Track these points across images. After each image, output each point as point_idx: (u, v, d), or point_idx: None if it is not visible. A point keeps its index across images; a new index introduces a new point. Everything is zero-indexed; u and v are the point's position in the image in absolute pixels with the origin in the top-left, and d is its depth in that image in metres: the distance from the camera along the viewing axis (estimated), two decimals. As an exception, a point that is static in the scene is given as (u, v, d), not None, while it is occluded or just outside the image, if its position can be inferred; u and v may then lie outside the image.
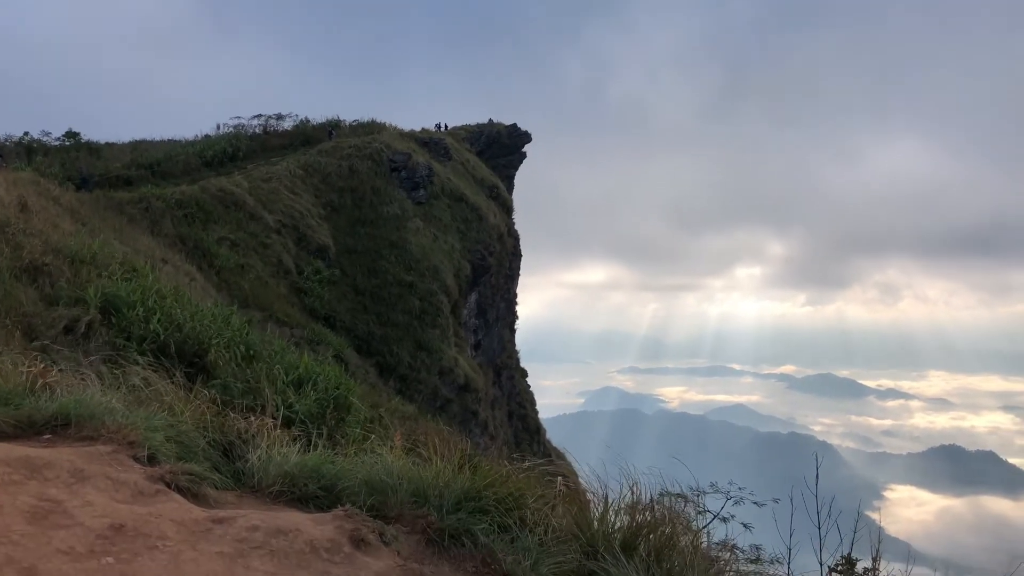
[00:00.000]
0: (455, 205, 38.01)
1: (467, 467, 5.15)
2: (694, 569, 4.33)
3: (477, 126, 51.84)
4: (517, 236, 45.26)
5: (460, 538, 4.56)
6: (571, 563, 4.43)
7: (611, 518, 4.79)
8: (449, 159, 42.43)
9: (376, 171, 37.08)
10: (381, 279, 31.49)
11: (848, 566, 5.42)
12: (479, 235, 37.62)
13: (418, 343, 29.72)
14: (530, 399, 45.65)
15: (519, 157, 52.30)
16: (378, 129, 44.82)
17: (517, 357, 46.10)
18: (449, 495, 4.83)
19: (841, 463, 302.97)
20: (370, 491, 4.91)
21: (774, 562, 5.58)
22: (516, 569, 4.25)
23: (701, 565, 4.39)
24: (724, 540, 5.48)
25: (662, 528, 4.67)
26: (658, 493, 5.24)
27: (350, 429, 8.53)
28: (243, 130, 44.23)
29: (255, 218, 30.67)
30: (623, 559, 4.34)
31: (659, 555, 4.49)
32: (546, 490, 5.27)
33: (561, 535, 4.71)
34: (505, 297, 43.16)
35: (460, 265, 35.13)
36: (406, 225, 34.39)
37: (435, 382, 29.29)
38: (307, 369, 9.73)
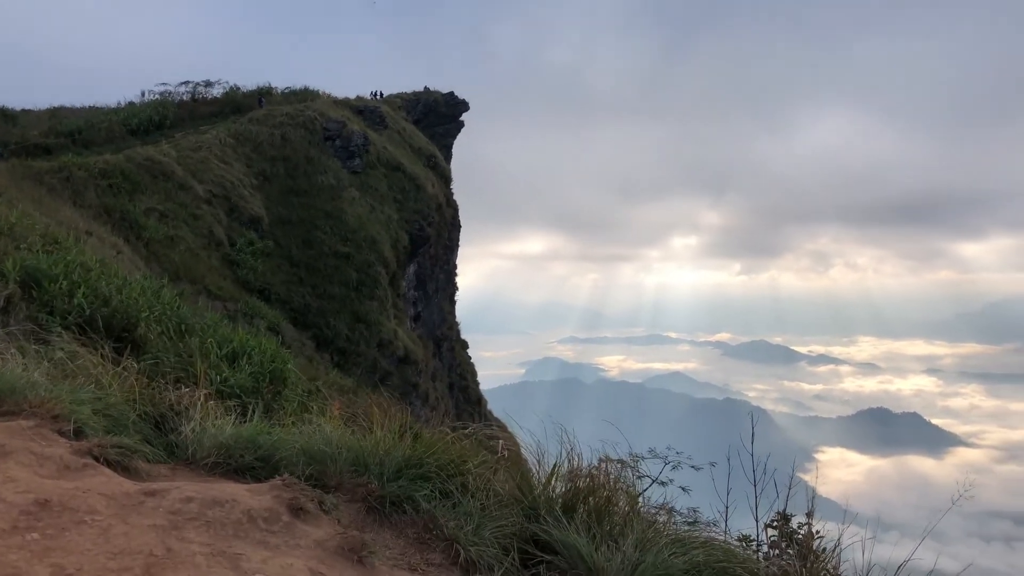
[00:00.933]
0: (392, 175, 37.52)
1: (408, 435, 5.15)
2: (632, 529, 4.41)
3: (413, 94, 51.12)
4: (456, 206, 44.99)
5: (402, 505, 4.57)
6: (513, 526, 4.47)
7: (553, 483, 4.85)
8: (385, 128, 41.77)
9: (310, 140, 36.31)
10: (317, 250, 30.97)
11: (783, 521, 5.58)
12: (417, 205, 37.24)
13: (356, 315, 29.40)
14: (471, 370, 45.72)
15: (457, 126, 51.82)
16: (311, 97, 43.84)
17: (457, 329, 46.06)
18: (390, 463, 4.82)
19: (775, 427, 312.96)
20: (309, 460, 4.87)
21: (711, 524, 5.72)
22: (458, 533, 4.27)
23: (639, 526, 4.47)
24: (663, 503, 5.59)
25: (602, 492, 4.75)
26: (598, 459, 5.31)
27: (287, 402, 8.41)
28: (170, 97, 42.81)
29: (184, 188, 29.76)
30: (564, 521, 4.39)
31: (599, 517, 4.57)
32: (487, 456, 5.30)
33: (503, 499, 4.76)
34: (444, 268, 42.96)
35: (398, 236, 34.77)
36: (341, 195, 33.81)
37: (374, 355, 29.06)
38: (242, 342, 9.52)
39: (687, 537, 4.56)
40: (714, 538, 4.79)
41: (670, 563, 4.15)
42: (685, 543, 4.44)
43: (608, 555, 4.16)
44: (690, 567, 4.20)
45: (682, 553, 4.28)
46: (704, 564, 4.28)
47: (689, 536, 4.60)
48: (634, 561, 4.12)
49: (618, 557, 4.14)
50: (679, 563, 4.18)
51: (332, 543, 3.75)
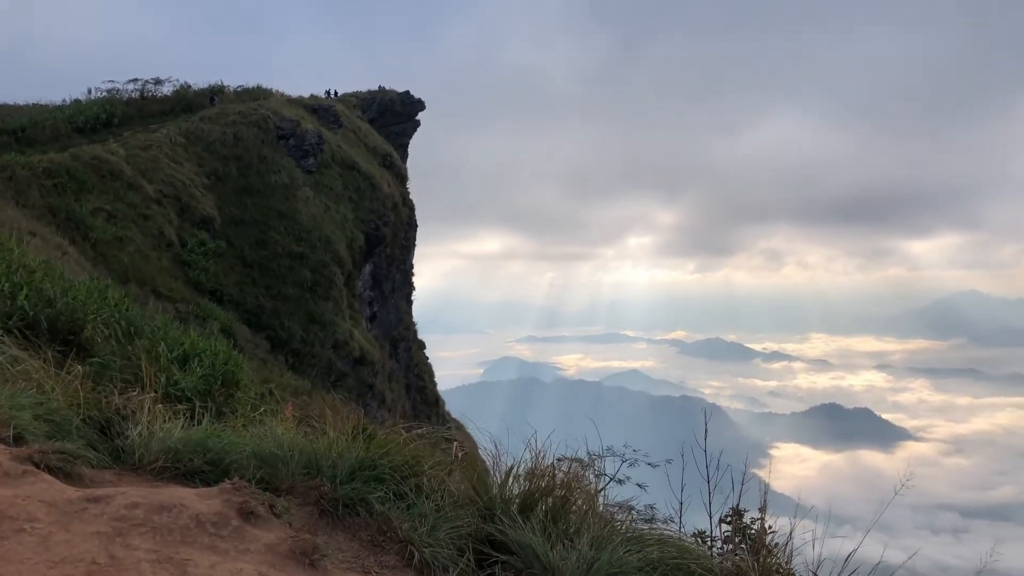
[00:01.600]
0: (347, 174, 37.16)
1: (361, 437, 5.11)
2: (589, 528, 4.43)
3: (368, 93, 50.73)
4: (412, 206, 44.76)
5: (355, 507, 4.54)
6: (469, 527, 4.47)
7: (509, 483, 4.85)
8: (340, 127, 41.39)
9: (263, 139, 35.79)
10: (270, 251, 30.53)
11: (736, 517, 5.67)
12: (373, 205, 36.95)
13: (311, 316, 29.07)
14: (428, 371, 45.54)
15: (412, 125, 51.56)
16: (264, 95, 43.24)
17: (414, 329, 45.84)
18: (343, 465, 4.78)
19: (730, 424, 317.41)
20: (260, 463, 4.80)
21: (668, 521, 5.80)
22: (413, 535, 4.24)
23: (596, 524, 4.50)
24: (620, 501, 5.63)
25: (559, 491, 4.76)
26: (556, 459, 5.33)
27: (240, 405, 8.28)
28: (118, 95, 41.84)
29: (134, 188, 29.12)
30: (520, 521, 4.39)
31: (555, 516, 4.58)
32: (443, 457, 5.28)
33: (459, 500, 4.75)
34: (401, 268, 42.71)
35: (353, 236, 34.45)
36: (295, 195, 33.40)
37: (329, 356, 28.76)
38: (193, 345, 9.35)
39: (642, 534, 4.60)
40: (669, 535, 4.84)
41: (625, 560, 4.18)
42: (640, 540, 4.47)
43: (563, 554, 4.18)
44: (645, 564, 4.24)
45: (637, 550, 4.32)
46: (659, 561, 4.31)
47: (644, 533, 4.64)
48: (589, 559, 4.14)
49: (573, 556, 4.16)
50: (634, 560, 4.22)
51: (283, 547, 3.70)
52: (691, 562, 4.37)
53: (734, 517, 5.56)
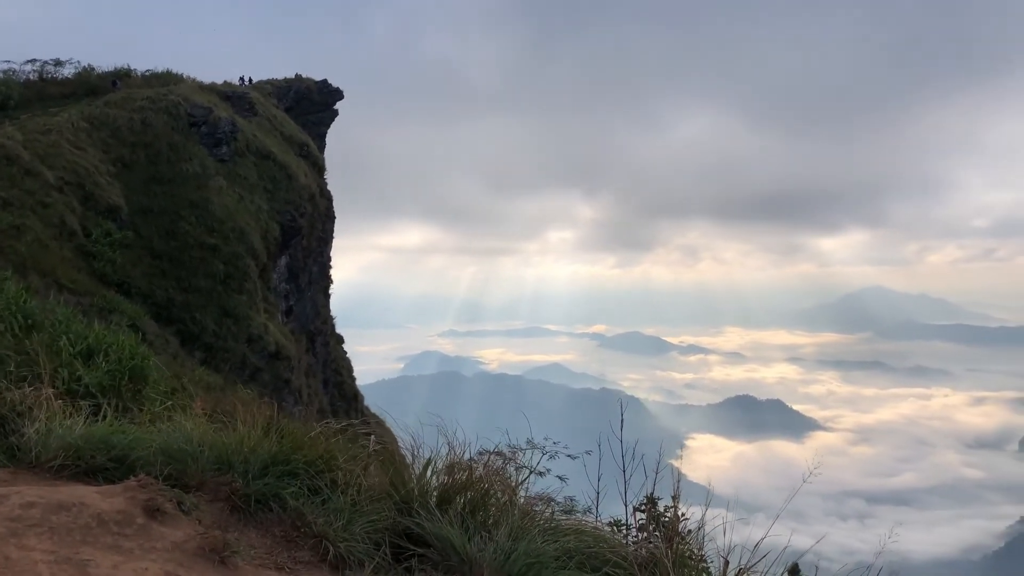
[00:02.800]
0: (262, 163, 36.22)
1: (274, 432, 5.04)
2: (507, 520, 4.47)
3: (285, 81, 49.53)
4: (330, 197, 43.97)
5: (268, 503, 4.50)
6: (386, 520, 4.48)
7: (428, 476, 4.87)
8: (255, 115, 40.31)
9: (173, 125, 34.51)
10: (181, 241, 29.49)
11: (650, 505, 5.81)
12: (289, 195, 36.13)
13: (224, 309, 28.24)
14: (347, 366, 44.93)
15: (330, 115, 50.61)
16: (175, 80, 41.71)
17: (332, 323, 45.12)
18: (255, 460, 4.73)
19: (648, 416, 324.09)
20: (168, 460, 4.68)
21: (587, 511, 5.91)
22: (327, 530, 4.22)
23: (514, 516, 4.54)
24: (541, 493, 5.71)
25: (479, 484, 4.81)
26: (476, 452, 5.35)
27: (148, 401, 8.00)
28: (14, 76, 39.76)
29: (32, 174, 27.68)
30: (438, 514, 4.40)
31: (474, 509, 4.64)
32: (359, 451, 5.24)
33: (375, 494, 4.75)
34: (318, 261, 41.94)
35: (268, 227, 33.64)
36: (208, 184, 32.34)
37: (243, 350, 28.04)
38: (98, 338, 8.98)
39: (560, 525, 4.67)
40: (585, 524, 4.92)
41: (542, 550, 4.24)
42: (557, 531, 4.55)
43: (481, 545, 4.22)
44: (561, 553, 4.31)
45: (554, 540, 4.39)
46: (575, 549, 4.39)
47: (562, 524, 4.71)
48: (507, 550, 4.19)
49: (491, 547, 4.21)
50: (551, 549, 4.28)
51: (191, 544, 3.60)
52: (607, 550, 4.46)
53: (648, 506, 5.70)
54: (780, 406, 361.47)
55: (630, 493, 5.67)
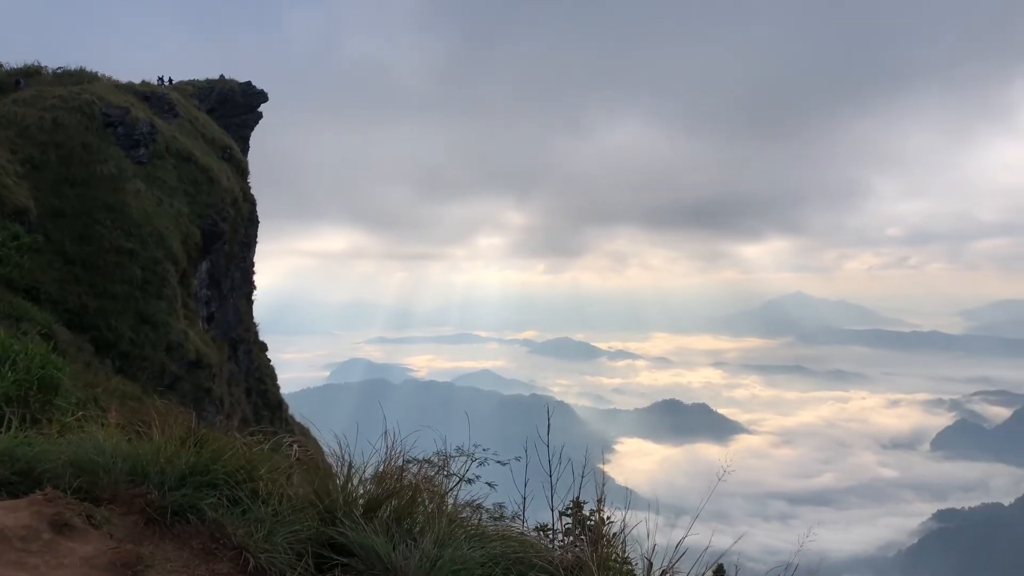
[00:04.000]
0: (182, 166, 35.19)
1: (193, 442, 4.91)
2: (433, 527, 4.44)
3: (207, 82, 48.26)
4: (254, 201, 43.03)
5: (185, 515, 4.39)
6: (309, 530, 4.41)
7: (353, 485, 4.81)
8: (175, 116, 39.16)
9: (87, 126, 33.21)
10: (95, 246, 28.37)
11: (576, 509, 5.86)
12: (210, 199, 35.19)
13: (141, 316, 27.29)
14: (271, 374, 44.00)
15: (254, 117, 49.56)
16: (89, 79, 40.12)
17: (256, 330, 44.12)
18: (172, 471, 4.61)
19: (577, 421, 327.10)
20: (78, 472, 4.51)
21: (515, 517, 5.93)
22: (248, 541, 4.13)
23: (441, 523, 4.52)
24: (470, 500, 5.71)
25: (405, 492, 4.76)
26: (405, 460, 5.30)
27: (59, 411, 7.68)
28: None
29: (-68, 175, 26.30)
30: (362, 523, 4.35)
31: (399, 517, 4.58)
32: (281, 460, 5.15)
33: (298, 504, 4.67)
34: (241, 266, 40.98)
35: (189, 231, 32.68)
36: (124, 187, 31.22)
37: (162, 358, 27.14)
38: (3, 347, 8.58)
39: (486, 531, 4.67)
40: (512, 530, 4.93)
41: (468, 556, 4.24)
42: (484, 537, 4.54)
43: (407, 553, 4.19)
44: (488, 559, 4.31)
45: (480, 547, 4.38)
46: (501, 555, 4.39)
47: (488, 530, 4.71)
48: (433, 557, 4.18)
49: (416, 555, 4.18)
50: (477, 556, 4.28)
51: (102, 559, 3.46)
52: (533, 555, 4.47)
53: (574, 510, 5.76)
54: (705, 410, 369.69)
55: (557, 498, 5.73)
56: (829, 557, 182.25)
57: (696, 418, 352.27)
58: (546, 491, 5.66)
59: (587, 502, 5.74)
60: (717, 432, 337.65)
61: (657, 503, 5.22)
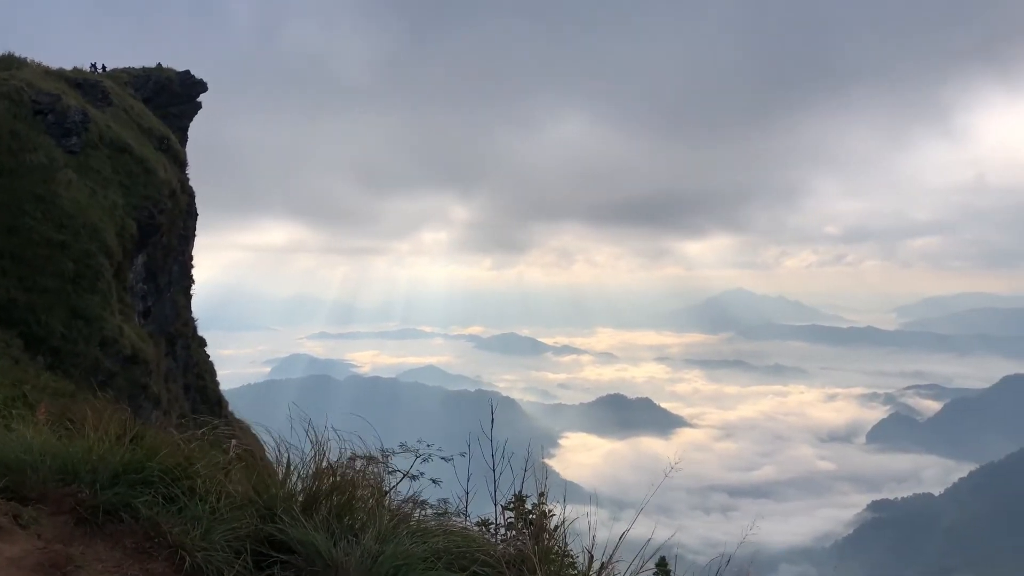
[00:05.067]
0: (117, 156, 34.16)
1: (126, 439, 4.80)
2: (375, 523, 4.42)
3: (143, 70, 46.87)
4: (192, 193, 42.05)
5: (118, 514, 4.31)
6: (247, 528, 4.36)
7: (293, 482, 4.77)
8: (109, 104, 37.98)
9: (15, 113, 31.98)
10: (24, 238, 27.35)
11: (518, 503, 5.90)
12: (147, 191, 34.25)
13: (73, 311, 26.42)
14: (210, 370, 43.11)
15: (193, 107, 48.35)
16: (16, 64, 38.61)
17: (194, 325, 43.16)
18: (105, 469, 4.53)
19: (523, 416, 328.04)
20: (3, 471, 4.39)
21: (460, 513, 5.95)
22: (184, 539, 4.07)
23: (383, 519, 4.51)
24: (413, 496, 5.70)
25: (347, 488, 4.74)
26: (347, 456, 5.26)
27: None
28: None
29: None
30: (302, 519, 4.31)
31: (341, 513, 4.55)
32: (220, 457, 5.07)
33: (237, 501, 4.61)
34: (179, 260, 40.01)
35: (124, 224, 31.76)
36: (55, 177, 30.15)
37: (96, 354, 26.33)
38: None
39: (429, 526, 4.67)
40: (454, 525, 4.94)
41: (410, 552, 4.24)
42: (426, 532, 4.54)
43: (348, 549, 4.18)
44: (430, 554, 4.31)
45: (422, 542, 4.38)
46: (443, 550, 4.40)
47: (431, 525, 4.71)
48: (374, 553, 4.16)
49: (358, 551, 4.17)
50: (419, 551, 4.28)
51: (29, 560, 3.36)
52: (475, 550, 4.49)
53: (516, 504, 5.79)
54: (649, 404, 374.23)
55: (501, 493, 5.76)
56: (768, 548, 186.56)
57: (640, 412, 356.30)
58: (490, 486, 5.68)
59: (529, 496, 5.79)
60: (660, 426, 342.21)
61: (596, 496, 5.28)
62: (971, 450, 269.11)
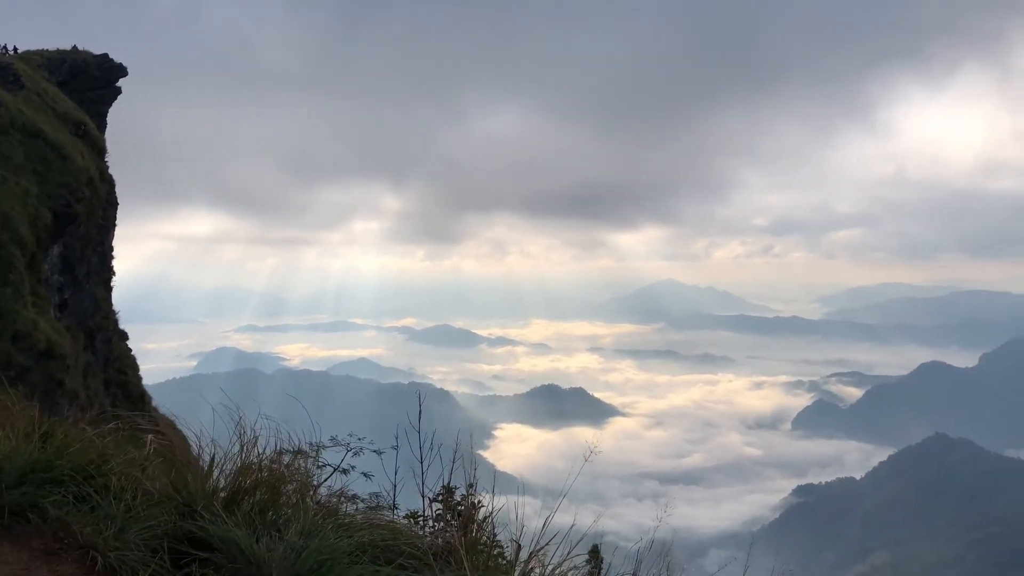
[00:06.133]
0: (30, 142, 32.67)
1: (35, 436, 4.60)
2: (299, 518, 4.35)
3: (58, 52, 44.84)
4: (112, 181, 40.52)
5: (25, 514, 4.15)
6: (165, 525, 4.25)
7: (215, 477, 4.69)
8: (21, 88, 36.23)
9: (-80, 96, 30.43)
10: (-71, 227, 26.12)
11: (447, 495, 5.91)
12: (63, 178, 32.87)
13: (-17, 304, 25.32)
14: (132, 364, 41.71)
15: (112, 92, 46.47)
16: (-80, 45, 36.77)
17: (115, 318, 41.69)
18: (11, 468, 4.36)
19: (457, 407, 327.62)
20: (-102, 473, 4.12)
21: (392, 507, 5.92)
22: (96, 539, 3.93)
23: (308, 514, 4.45)
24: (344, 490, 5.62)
25: (274, 483, 4.68)
26: (277, 451, 5.18)
27: None
28: None
29: None
30: (223, 515, 4.22)
31: (264, 509, 4.49)
32: (136, 453, 4.91)
33: (155, 498, 4.48)
34: (98, 250, 38.52)
35: (39, 213, 30.43)
36: (-37, 164, 28.85)
37: (8, 349, 25.20)
38: None
39: (354, 520, 4.63)
40: (381, 518, 4.91)
41: (336, 546, 4.21)
42: (352, 527, 4.50)
43: (271, 545, 4.11)
44: (355, 548, 4.28)
45: (348, 536, 4.34)
46: (369, 544, 4.38)
47: (357, 519, 4.67)
48: (298, 548, 4.11)
49: (281, 546, 4.10)
50: (344, 545, 4.25)
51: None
52: (402, 543, 4.47)
53: (444, 496, 5.79)
54: (582, 394, 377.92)
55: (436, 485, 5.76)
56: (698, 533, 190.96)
57: (573, 402, 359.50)
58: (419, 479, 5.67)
59: (458, 488, 5.79)
60: (593, 416, 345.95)
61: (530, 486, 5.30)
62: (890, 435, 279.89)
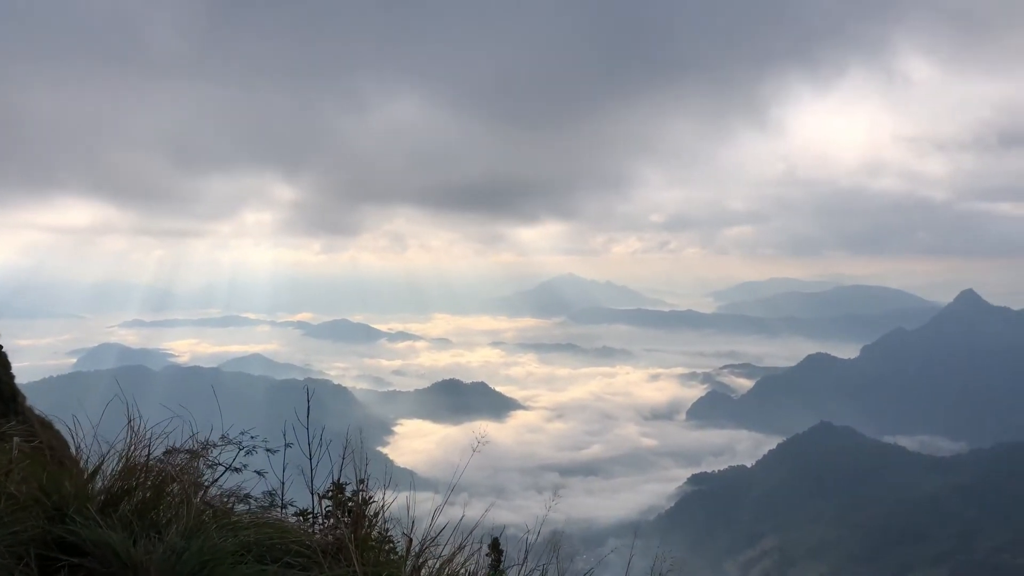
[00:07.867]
0: None
1: None
2: (180, 519, 4.25)
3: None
4: (-19, 169, 38.02)
5: None
6: (33, 530, 4.06)
7: (91, 479, 4.53)
8: None
9: None
10: None
11: (336, 490, 5.85)
12: (-74, 165, 30.68)
13: None
14: (3, 362, 39.28)
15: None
16: None
17: (-13, 313, 39.21)
18: None
19: (355, 404, 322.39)
20: None
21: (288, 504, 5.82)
22: None
23: (189, 514, 4.33)
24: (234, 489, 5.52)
25: (158, 484, 4.56)
26: (164, 451, 5.05)
27: None
28: None
29: None
30: (98, 519, 4.08)
31: (144, 511, 4.36)
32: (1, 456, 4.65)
33: (22, 503, 4.24)
34: (-32, 242, 36.17)
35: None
36: None
37: None
38: None
39: (239, 519, 4.53)
40: (267, 517, 4.82)
41: (219, 546, 4.12)
42: (237, 526, 4.40)
43: (149, 547, 3.98)
44: (240, 547, 4.20)
45: (232, 535, 4.25)
46: (255, 543, 4.30)
47: (242, 518, 4.58)
48: (178, 549, 3.99)
49: (160, 548, 3.97)
50: (229, 545, 4.16)
51: None
52: (289, 541, 4.40)
53: (334, 492, 5.72)
54: (484, 388, 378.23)
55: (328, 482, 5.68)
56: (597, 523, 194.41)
57: (475, 397, 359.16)
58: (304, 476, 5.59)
59: (349, 483, 5.73)
60: (495, 409, 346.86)
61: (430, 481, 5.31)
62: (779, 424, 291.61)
